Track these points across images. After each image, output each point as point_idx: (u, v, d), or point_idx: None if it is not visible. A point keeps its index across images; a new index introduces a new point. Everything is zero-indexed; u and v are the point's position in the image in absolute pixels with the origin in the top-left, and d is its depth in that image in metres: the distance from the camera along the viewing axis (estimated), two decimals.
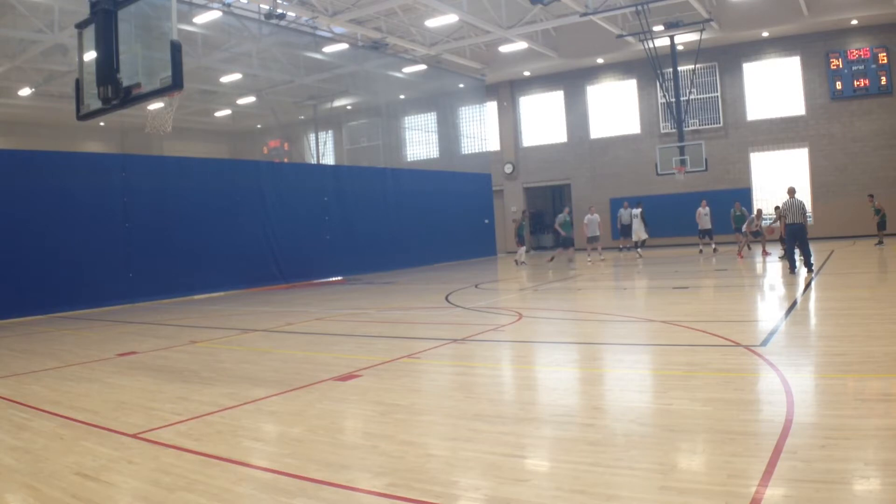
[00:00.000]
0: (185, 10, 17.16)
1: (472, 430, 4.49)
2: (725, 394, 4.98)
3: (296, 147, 30.98)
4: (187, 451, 4.34)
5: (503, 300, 13.00)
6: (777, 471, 3.38)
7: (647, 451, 3.87)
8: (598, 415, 4.80)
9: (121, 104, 6.55)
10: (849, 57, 22.69)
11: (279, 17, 18.35)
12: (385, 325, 10.16)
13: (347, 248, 19.80)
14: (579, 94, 27.54)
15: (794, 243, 13.22)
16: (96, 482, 3.84)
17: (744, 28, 22.90)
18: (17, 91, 23.25)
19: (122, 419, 5.16)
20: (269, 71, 24.03)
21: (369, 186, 21.38)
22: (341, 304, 13.25)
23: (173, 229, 15.44)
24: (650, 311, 10.10)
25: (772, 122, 24.25)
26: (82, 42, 7.09)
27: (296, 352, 8.21)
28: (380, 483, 3.61)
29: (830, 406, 4.57)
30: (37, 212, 13.22)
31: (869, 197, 20.35)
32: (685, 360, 6.38)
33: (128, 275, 14.57)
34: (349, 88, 26.88)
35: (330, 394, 5.77)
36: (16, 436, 4.92)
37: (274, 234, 17.92)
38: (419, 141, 29.21)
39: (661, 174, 22.37)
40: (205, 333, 10.05)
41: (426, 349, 7.73)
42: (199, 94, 25.79)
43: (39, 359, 8.39)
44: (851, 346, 6.44)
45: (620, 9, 20.81)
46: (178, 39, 6.04)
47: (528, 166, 28.95)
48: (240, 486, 3.71)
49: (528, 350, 7.87)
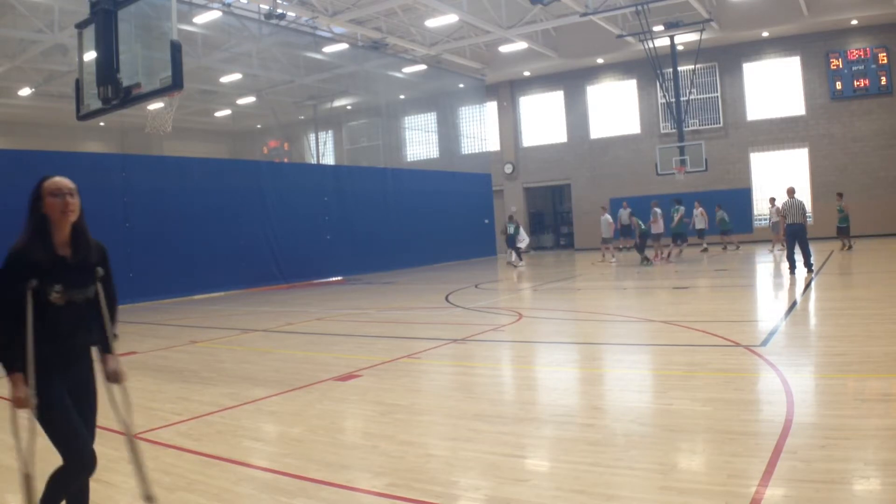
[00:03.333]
0: (185, 10, 17.14)
1: (472, 430, 4.49)
2: (725, 394, 4.98)
3: (296, 147, 31.00)
4: (187, 451, 4.34)
5: (503, 300, 13.00)
6: (777, 471, 3.38)
7: (647, 451, 3.87)
8: (598, 415, 4.80)
9: (121, 104, 6.55)
10: (849, 57, 22.68)
11: (279, 17, 18.35)
12: (385, 325, 10.16)
13: (347, 248, 19.80)
14: (579, 94, 27.54)
15: (795, 243, 13.21)
16: (96, 482, 3.82)
17: (744, 28, 22.89)
18: (17, 91, 23.26)
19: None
20: (269, 71, 24.03)
21: (369, 186, 21.38)
22: (341, 304, 13.24)
23: (173, 229, 15.43)
24: (650, 311, 10.09)
25: (772, 122, 24.24)
26: (82, 42, 7.09)
27: (296, 352, 8.21)
28: (380, 483, 3.61)
29: (830, 406, 4.57)
30: None
31: (838, 196, 19.02)
32: (685, 360, 6.38)
33: (128, 275, 14.54)
34: (349, 88, 26.88)
35: (330, 394, 5.77)
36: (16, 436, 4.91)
37: (274, 234, 17.91)
38: (419, 141, 29.21)
39: (661, 174, 22.36)
40: (205, 333, 10.05)
41: (426, 349, 7.73)
42: (199, 94, 25.79)
43: None
44: (851, 346, 6.44)
45: (620, 9, 20.80)
46: (178, 39, 6.04)
47: (528, 166, 28.95)
48: (240, 486, 3.71)
49: (529, 350, 7.87)
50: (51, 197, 2.83)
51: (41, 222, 2.84)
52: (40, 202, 2.84)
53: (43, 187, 2.86)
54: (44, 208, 2.83)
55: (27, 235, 2.81)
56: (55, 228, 2.84)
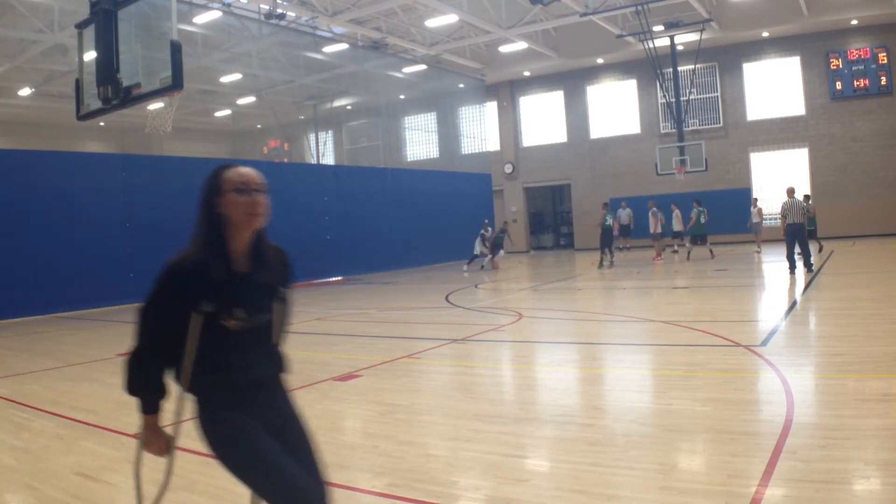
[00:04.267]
0: (185, 10, 17.14)
1: (472, 430, 4.49)
2: (725, 394, 4.98)
3: (296, 147, 31.00)
4: (187, 451, 4.33)
5: (503, 300, 13.00)
6: (777, 471, 3.38)
7: (647, 451, 3.87)
8: (598, 415, 4.80)
9: (121, 104, 6.56)
10: (849, 57, 22.68)
11: (279, 17, 18.35)
12: (385, 325, 10.16)
13: (347, 248, 19.79)
14: (579, 94, 27.54)
15: (794, 243, 13.22)
16: (96, 482, 3.84)
17: (744, 28, 22.89)
18: (17, 91, 23.26)
19: (122, 419, 5.16)
20: (269, 71, 24.04)
21: (369, 186, 21.37)
22: (341, 304, 13.24)
23: (174, 229, 15.27)
24: (650, 311, 10.09)
25: (772, 122, 24.24)
26: (82, 42, 7.10)
27: (296, 352, 8.18)
28: (380, 483, 3.61)
29: (830, 406, 4.57)
30: (37, 212, 13.22)
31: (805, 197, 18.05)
32: (685, 360, 6.38)
33: (128, 275, 14.55)
34: (349, 88, 26.88)
35: (330, 394, 5.77)
36: (16, 436, 4.92)
37: (274, 234, 17.84)
38: (419, 141, 29.20)
39: (661, 174, 22.36)
40: None
41: (426, 349, 7.73)
42: (199, 94, 25.80)
43: (39, 359, 8.39)
44: (851, 346, 6.44)
45: (620, 9, 20.80)
46: (178, 39, 6.05)
47: (528, 166, 28.95)
48: (240, 486, 3.69)
49: (529, 350, 7.87)
50: (234, 193, 2.18)
51: (217, 226, 2.21)
52: (217, 198, 2.19)
53: (223, 179, 2.20)
54: (221, 206, 2.19)
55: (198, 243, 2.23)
56: (234, 234, 2.23)
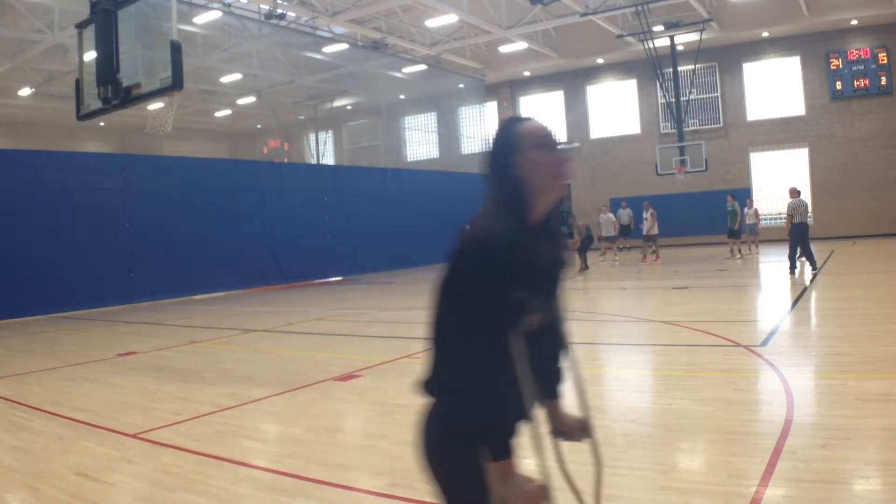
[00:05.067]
0: (185, 10, 17.14)
1: None
2: (726, 394, 4.98)
3: (296, 147, 30.99)
4: (187, 451, 4.34)
5: None
6: (777, 471, 3.38)
7: (647, 451, 3.87)
8: (598, 415, 4.79)
9: (121, 104, 6.57)
10: (849, 57, 22.67)
11: (279, 17, 18.35)
12: (385, 325, 10.16)
13: (347, 248, 19.79)
14: (579, 94, 27.53)
15: (799, 242, 13.21)
16: (96, 482, 3.84)
17: (744, 28, 22.89)
18: (17, 91, 23.24)
19: (122, 419, 5.17)
20: (269, 71, 24.03)
21: (369, 186, 21.37)
22: (341, 304, 13.24)
23: (173, 229, 15.43)
24: (650, 311, 10.09)
25: (772, 122, 24.23)
26: (82, 42, 7.10)
27: (296, 352, 8.21)
28: (380, 483, 3.61)
29: (830, 406, 4.57)
30: (37, 212, 13.23)
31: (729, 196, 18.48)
32: (685, 360, 6.38)
33: (128, 275, 14.56)
34: (349, 88, 26.87)
35: (330, 394, 5.77)
36: (16, 436, 4.92)
37: (274, 234, 17.91)
38: (419, 141, 29.19)
39: (661, 174, 22.36)
40: (205, 333, 10.05)
41: (426, 349, 7.72)
42: (199, 94, 25.79)
43: (39, 359, 8.39)
44: (851, 346, 6.43)
45: (620, 9, 20.80)
46: (178, 39, 6.05)
47: None
48: (240, 486, 3.71)
49: None
50: (537, 150, 1.66)
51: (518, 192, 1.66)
52: (514, 157, 1.66)
53: (521, 133, 1.67)
54: (519, 167, 1.65)
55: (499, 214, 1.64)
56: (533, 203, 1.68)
